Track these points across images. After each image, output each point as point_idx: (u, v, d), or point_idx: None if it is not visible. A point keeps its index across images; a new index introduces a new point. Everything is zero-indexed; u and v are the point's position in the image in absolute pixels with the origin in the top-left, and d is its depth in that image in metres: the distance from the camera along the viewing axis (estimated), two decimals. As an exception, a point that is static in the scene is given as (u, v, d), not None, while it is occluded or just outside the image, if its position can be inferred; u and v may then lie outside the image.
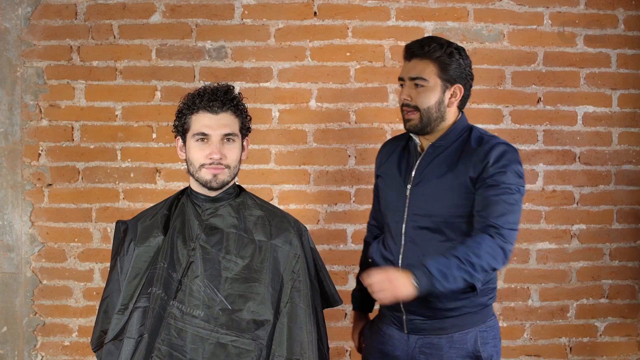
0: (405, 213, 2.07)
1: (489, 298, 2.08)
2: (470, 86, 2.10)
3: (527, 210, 2.93)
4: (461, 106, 2.10)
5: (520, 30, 2.94)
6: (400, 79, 2.09)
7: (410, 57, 2.07)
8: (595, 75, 2.97)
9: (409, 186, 2.08)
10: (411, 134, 2.12)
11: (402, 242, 2.06)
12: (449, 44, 2.04)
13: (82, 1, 2.89)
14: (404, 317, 2.08)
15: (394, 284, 1.80)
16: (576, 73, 2.96)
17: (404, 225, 2.07)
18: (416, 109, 2.04)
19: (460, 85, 2.04)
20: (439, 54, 2.01)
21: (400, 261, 2.06)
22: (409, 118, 2.06)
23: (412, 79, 2.04)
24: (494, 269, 1.91)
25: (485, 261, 1.85)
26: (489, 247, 1.87)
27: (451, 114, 2.07)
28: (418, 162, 2.09)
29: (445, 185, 2.01)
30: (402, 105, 2.07)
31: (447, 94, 2.04)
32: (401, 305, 2.06)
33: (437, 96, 2.03)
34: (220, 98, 1.90)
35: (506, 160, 1.97)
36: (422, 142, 2.11)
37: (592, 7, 2.95)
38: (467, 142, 2.05)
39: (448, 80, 2.03)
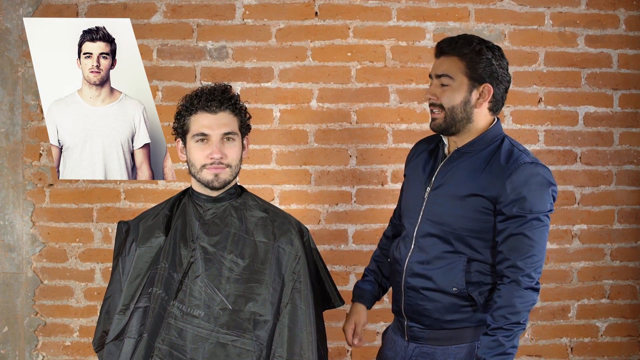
0: (420, 216, 2.01)
1: None
2: (506, 89, 1.97)
3: (528, 211, 2.93)
4: (493, 109, 1.98)
5: (521, 30, 2.94)
6: (430, 76, 2.01)
7: (440, 55, 1.99)
8: (597, 75, 2.97)
9: (428, 189, 2.01)
10: (442, 135, 2.04)
11: (412, 247, 2.02)
12: (481, 42, 1.94)
13: (83, 1, 2.89)
14: (405, 323, 2.05)
15: None
16: (577, 73, 2.96)
17: (416, 229, 2.01)
18: (441, 107, 1.95)
19: (490, 85, 1.92)
20: (466, 51, 1.91)
21: (405, 264, 2.02)
22: (433, 117, 1.98)
23: (438, 76, 1.95)
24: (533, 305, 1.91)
25: (523, 309, 1.85)
26: (519, 296, 1.85)
27: (480, 117, 1.96)
28: (441, 165, 2.01)
29: (462, 195, 1.93)
30: (429, 105, 2.00)
31: (475, 94, 1.93)
32: (403, 311, 2.04)
33: (462, 95, 1.93)
34: (217, 97, 1.89)
35: (532, 185, 1.86)
36: (450, 145, 2.02)
37: (593, 7, 2.94)
38: (495, 154, 1.93)
39: (476, 79, 1.92)
